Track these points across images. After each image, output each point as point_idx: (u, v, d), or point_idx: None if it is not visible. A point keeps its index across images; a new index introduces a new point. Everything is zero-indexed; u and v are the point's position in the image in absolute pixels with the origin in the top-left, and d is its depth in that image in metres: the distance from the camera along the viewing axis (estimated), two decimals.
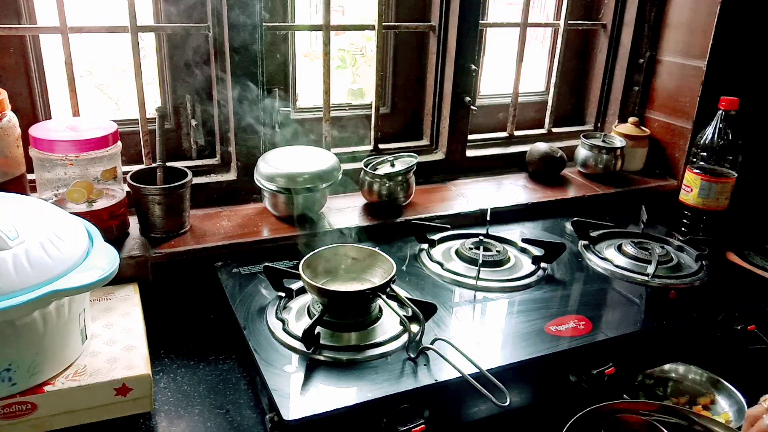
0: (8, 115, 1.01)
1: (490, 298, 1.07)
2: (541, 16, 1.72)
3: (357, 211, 1.30)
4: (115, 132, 1.06)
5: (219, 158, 1.31)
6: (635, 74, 1.63)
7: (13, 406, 0.76)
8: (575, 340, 0.95)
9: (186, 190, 1.12)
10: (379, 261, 1.01)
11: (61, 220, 0.83)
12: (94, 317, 0.93)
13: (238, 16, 1.17)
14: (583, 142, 1.55)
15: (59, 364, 0.81)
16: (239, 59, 1.19)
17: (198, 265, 1.11)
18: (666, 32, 1.56)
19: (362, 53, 1.65)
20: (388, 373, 0.85)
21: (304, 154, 1.25)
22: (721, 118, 1.36)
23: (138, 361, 0.84)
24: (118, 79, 1.31)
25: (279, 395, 0.79)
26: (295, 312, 0.98)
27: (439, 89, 1.47)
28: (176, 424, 0.86)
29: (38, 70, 1.17)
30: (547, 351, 0.92)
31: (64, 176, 1.03)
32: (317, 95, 1.37)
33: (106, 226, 1.05)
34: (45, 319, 0.76)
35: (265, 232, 1.18)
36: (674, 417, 0.79)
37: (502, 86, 1.64)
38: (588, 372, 0.94)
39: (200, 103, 1.27)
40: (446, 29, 1.42)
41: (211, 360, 1.00)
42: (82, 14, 1.16)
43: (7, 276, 0.72)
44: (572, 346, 0.93)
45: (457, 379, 0.84)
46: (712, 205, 1.40)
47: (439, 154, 1.51)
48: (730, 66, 1.48)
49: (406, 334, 0.91)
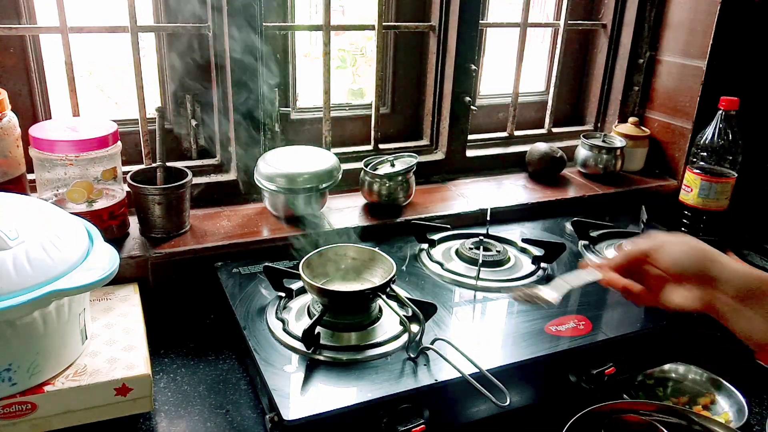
0: (8, 115, 1.01)
1: (490, 298, 1.07)
2: (541, 16, 1.72)
3: (357, 211, 1.30)
4: (115, 132, 1.06)
5: (219, 158, 1.31)
6: (635, 74, 1.63)
7: (13, 406, 0.76)
8: (575, 340, 0.95)
9: (186, 190, 1.12)
10: (379, 261, 1.01)
11: (61, 220, 0.83)
12: (94, 317, 0.93)
13: (238, 16, 1.17)
14: (583, 142, 1.55)
15: (59, 364, 0.81)
16: (239, 59, 1.19)
17: (198, 265, 1.11)
18: (666, 32, 1.56)
19: (362, 53, 1.65)
20: (388, 373, 0.85)
21: (304, 154, 1.25)
22: (721, 118, 1.36)
23: (138, 361, 0.84)
24: (118, 79, 1.31)
25: (279, 395, 0.79)
26: (295, 312, 0.98)
27: (439, 89, 1.47)
28: (176, 424, 0.86)
29: (38, 70, 1.17)
30: (547, 351, 0.91)
31: (64, 176, 1.03)
32: (317, 95, 1.37)
33: (106, 226, 1.05)
34: (45, 319, 0.76)
35: (265, 232, 1.18)
36: (674, 417, 0.79)
37: (502, 86, 1.64)
38: (588, 372, 0.94)
39: (200, 103, 1.27)
40: (446, 29, 1.42)
41: (211, 360, 1.00)
42: (82, 14, 1.16)
43: (7, 276, 0.72)
44: (572, 346, 0.93)
45: (457, 379, 0.84)
46: (712, 205, 1.40)
47: (439, 154, 1.51)
48: (730, 66, 1.48)
49: (406, 334, 0.91)
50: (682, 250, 0.72)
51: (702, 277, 0.70)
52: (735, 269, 0.70)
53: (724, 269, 0.70)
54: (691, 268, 0.71)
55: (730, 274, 0.69)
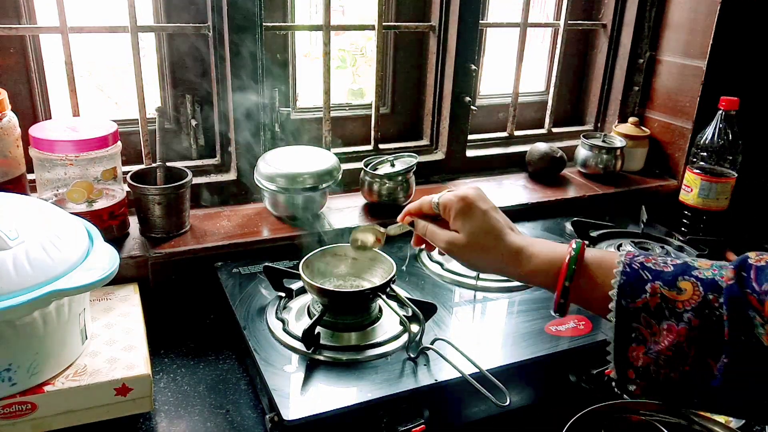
0: (8, 115, 1.01)
1: (490, 298, 1.07)
2: (541, 16, 1.72)
3: (357, 211, 1.30)
4: (115, 132, 1.06)
5: (219, 158, 1.31)
6: (635, 74, 1.63)
7: (13, 406, 0.76)
8: (575, 340, 0.95)
9: (186, 190, 1.12)
10: (379, 261, 1.01)
11: (61, 220, 0.83)
12: (94, 317, 0.93)
13: (238, 16, 1.17)
14: (583, 142, 1.55)
15: (59, 364, 0.81)
16: (239, 59, 1.19)
17: (198, 265, 1.11)
18: (666, 32, 1.56)
19: (362, 53, 1.65)
20: (388, 373, 0.85)
21: (304, 154, 1.25)
22: (721, 118, 1.36)
23: (138, 361, 0.84)
24: (118, 79, 1.31)
25: (279, 395, 0.79)
26: (295, 312, 0.98)
27: (439, 89, 1.47)
28: (176, 424, 0.86)
29: (38, 70, 1.17)
30: (547, 351, 0.92)
31: (64, 176, 1.03)
32: (317, 95, 1.37)
33: (106, 226, 1.05)
34: (45, 319, 0.76)
35: (265, 232, 1.18)
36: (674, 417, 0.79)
37: (502, 86, 1.64)
38: (588, 372, 0.94)
39: (200, 103, 1.27)
40: (446, 29, 1.42)
41: (211, 360, 1.00)
42: (82, 14, 1.16)
43: (7, 276, 0.72)
44: (572, 346, 0.93)
45: (457, 379, 0.84)
46: (712, 205, 1.40)
47: (439, 154, 1.51)
48: (730, 66, 1.48)
49: (406, 334, 0.91)
50: (478, 226, 0.75)
51: (486, 249, 0.74)
52: (536, 255, 0.72)
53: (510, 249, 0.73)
54: (479, 241, 0.75)
55: (512, 247, 0.73)
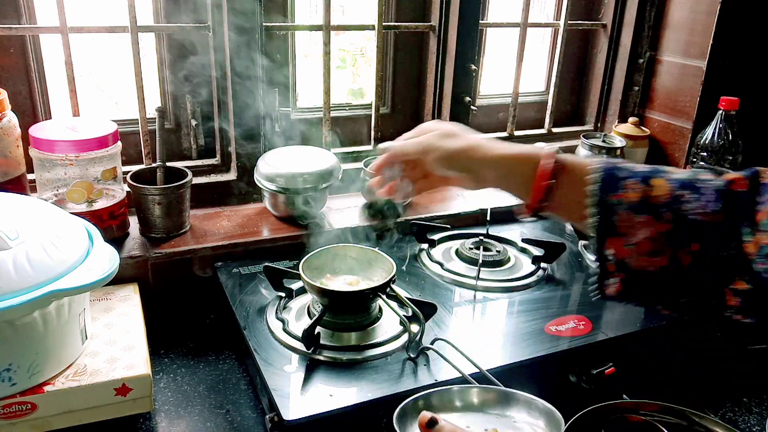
0: (8, 115, 1.01)
1: (490, 298, 1.07)
2: (541, 16, 1.72)
3: (357, 211, 1.30)
4: (115, 132, 1.06)
5: (219, 158, 1.31)
6: (635, 74, 1.63)
7: (13, 406, 0.76)
8: (575, 340, 0.95)
9: (186, 190, 1.12)
10: (379, 261, 1.00)
11: (61, 220, 0.83)
12: (94, 317, 0.93)
13: (238, 16, 1.17)
14: (583, 142, 1.54)
15: (59, 364, 0.81)
16: (239, 59, 1.19)
17: (198, 265, 1.11)
18: (666, 32, 1.56)
19: (362, 53, 1.64)
20: (388, 373, 0.85)
21: (304, 154, 1.25)
22: (721, 118, 1.36)
23: (138, 361, 0.84)
24: (118, 79, 1.31)
25: (279, 395, 0.79)
26: (295, 312, 0.98)
27: (439, 89, 1.47)
28: (176, 424, 0.86)
29: (38, 70, 1.17)
30: (547, 351, 0.92)
31: (64, 176, 1.03)
32: (317, 95, 1.37)
33: (106, 226, 1.05)
34: (45, 319, 0.76)
35: (265, 232, 1.18)
36: (674, 417, 0.79)
37: (502, 86, 1.64)
38: (588, 372, 0.94)
39: (200, 103, 1.27)
40: (446, 29, 1.42)
41: (211, 360, 1.00)
42: (82, 14, 1.16)
43: (7, 276, 0.72)
44: (572, 346, 0.93)
45: (457, 379, 0.83)
46: None
47: None
48: (730, 66, 1.48)
49: (406, 334, 0.91)
50: (444, 158, 0.75)
51: (464, 177, 0.76)
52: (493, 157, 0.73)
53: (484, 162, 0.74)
54: (454, 172, 0.76)
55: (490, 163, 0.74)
